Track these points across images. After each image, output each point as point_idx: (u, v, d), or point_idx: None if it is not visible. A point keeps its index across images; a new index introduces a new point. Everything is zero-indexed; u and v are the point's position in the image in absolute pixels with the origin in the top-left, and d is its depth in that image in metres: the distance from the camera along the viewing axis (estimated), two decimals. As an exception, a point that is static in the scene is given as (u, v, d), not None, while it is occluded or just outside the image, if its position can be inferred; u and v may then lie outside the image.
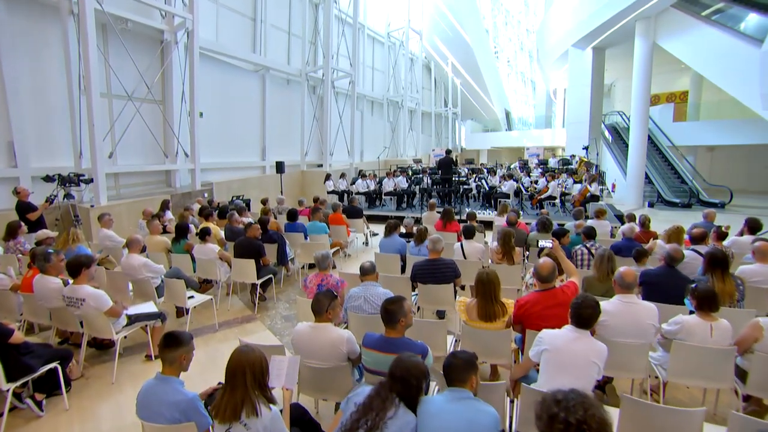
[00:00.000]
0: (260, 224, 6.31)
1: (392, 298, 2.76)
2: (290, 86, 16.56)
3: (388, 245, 5.83)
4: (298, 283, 6.77)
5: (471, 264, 5.21)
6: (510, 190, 11.66)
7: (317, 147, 17.20)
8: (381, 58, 22.93)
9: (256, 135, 14.79)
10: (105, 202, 8.46)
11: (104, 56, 9.10)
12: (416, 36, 23.94)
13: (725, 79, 13.25)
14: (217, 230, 6.85)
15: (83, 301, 3.51)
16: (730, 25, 13.50)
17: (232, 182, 13.15)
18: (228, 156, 13.61)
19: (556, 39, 22.34)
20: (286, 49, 16.05)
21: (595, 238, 5.16)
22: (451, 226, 7.20)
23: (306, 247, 6.60)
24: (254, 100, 14.57)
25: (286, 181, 14.46)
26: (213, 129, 12.78)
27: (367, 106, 22.06)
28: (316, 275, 4.05)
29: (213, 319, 5.09)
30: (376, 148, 22.53)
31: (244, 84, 14.07)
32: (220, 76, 13.00)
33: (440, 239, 4.50)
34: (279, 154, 15.30)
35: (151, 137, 10.25)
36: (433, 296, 4.44)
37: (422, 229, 5.56)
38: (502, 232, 5.28)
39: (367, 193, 13.18)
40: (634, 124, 15.83)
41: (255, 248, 5.54)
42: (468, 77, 28.41)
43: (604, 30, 16.95)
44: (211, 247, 5.58)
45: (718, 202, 15.75)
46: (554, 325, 2.93)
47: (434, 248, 4.43)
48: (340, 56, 16.53)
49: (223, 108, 13.22)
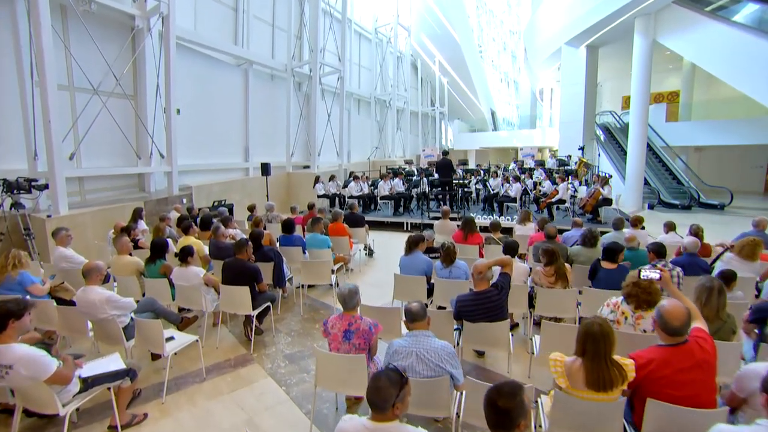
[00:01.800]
0: (252, 240, 5.28)
1: (508, 389, 1.72)
2: (275, 82, 15.44)
3: (411, 264, 4.89)
4: (297, 307, 5.76)
5: (516, 289, 4.30)
6: (517, 194, 10.87)
7: (304, 147, 16.13)
8: (368, 55, 21.96)
9: (238, 134, 13.64)
10: (65, 211, 7.27)
11: (64, 43, 7.90)
12: (404, 32, 23.06)
13: (733, 75, 12.76)
14: (200, 246, 5.79)
15: (10, 368, 2.44)
16: (736, 19, 13.09)
17: (213, 186, 12.00)
18: (208, 157, 12.44)
19: (547, 37, 21.76)
20: (270, 42, 14.93)
21: (666, 256, 4.30)
22: (473, 237, 6.31)
23: (307, 266, 5.59)
24: (236, 96, 13.42)
25: (272, 184, 13.35)
26: (191, 127, 11.61)
27: (354, 104, 21.07)
28: (341, 317, 3.07)
29: (198, 362, 4.05)
30: (363, 149, 21.56)
31: (225, 79, 12.91)
32: (199, 70, 11.83)
33: (487, 266, 3.56)
34: (263, 155, 14.18)
35: (121, 136, 9.07)
36: (484, 336, 3.52)
37: (451, 248, 4.64)
38: (549, 249, 4.40)
39: (361, 197, 12.21)
40: (634, 123, 15.27)
41: (249, 273, 4.51)
42: (455, 76, 27.68)
43: (601, 27, 16.39)
44: (195, 271, 4.53)
45: (717, 203, 15.34)
46: (690, 394, 2.11)
47: (483, 278, 3.50)
48: (326, 52, 15.48)
49: (203, 104, 12.06)
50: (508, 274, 3.58)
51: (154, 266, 4.69)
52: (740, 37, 12.32)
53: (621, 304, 3.24)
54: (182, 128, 11.02)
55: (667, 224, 6.53)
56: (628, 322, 3.17)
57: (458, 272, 4.62)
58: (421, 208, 12.39)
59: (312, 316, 5.48)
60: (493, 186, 12.18)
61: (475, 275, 3.47)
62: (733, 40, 12.51)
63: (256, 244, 5.33)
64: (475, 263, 3.52)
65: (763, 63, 11.67)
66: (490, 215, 10.97)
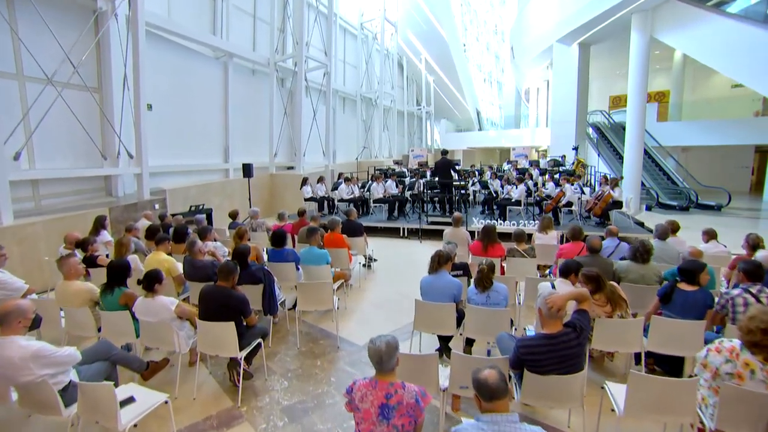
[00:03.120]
0: (237, 258, 4.33)
1: None
2: (257, 77, 14.38)
3: (436, 287, 4.00)
4: (292, 337, 4.82)
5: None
6: (521, 197, 10.11)
7: (288, 147, 15.12)
8: (353, 52, 21.02)
9: (217, 132, 12.54)
10: (10, 221, 6.16)
11: (9, 25, 6.77)
12: (391, 28, 22.21)
13: (738, 70, 12.30)
14: (172, 264, 4.80)
15: None
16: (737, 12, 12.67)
17: (190, 189, 10.90)
18: (184, 157, 11.33)
19: (537, 34, 21.21)
20: (252, 34, 13.87)
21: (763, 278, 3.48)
22: (494, 249, 5.48)
23: (305, 290, 4.63)
24: (215, 91, 12.33)
25: (254, 186, 12.31)
26: (166, 124, 10.53)
27: (339, 102, 20.10)
28: (373, 384, 2.12)
29: (168, 424, 3.08)
30: (349, 149, 20.61)
31: (203, 72, 11.82)
32: (173, 61, 10.73)
33: (565, 300, 2.70)
34: (245, 155, 13.12)
35: (83, 134, 7.95)
36: (553, 391, 2.66)
37: (486, 270, 3.78)
38: (592, 275, 3.55)
39: (352, 200, 11.28)
40: (631, 122, 14.76)
41: (234, 305, 3.55)
42: (442, 74, 26.97)
43: (597, 24, 15.85)
44: (164, 303, 3.55)
45: (714, 204, 14.93)
46: None
47: (554, 316, 2.65)
48: (311, 47, 14.48)
49: (178, 100, 10.96)
50: (587, 312, 2.73)
51: (111, 296, 3.69)
52: (743, 30, 11.85)
53: (741, 353, 2.43)
54: (155, 125, 9.97)
55: (707, 232, 5.77)
56: (756, 377, 2.36)
57: (497, 297, 3.77)
58: (417, 211, 11.55)
59: (311, 348, 4.55)
60: (494, 187, 11.39)
61: (547, 311, 2.62)
62: (734, 33, 12.04)
63: (241, 262, 4.37)
64: (549, 297, 2.66)
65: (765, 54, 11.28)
66: (491, 219, 10.17)
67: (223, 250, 5.66)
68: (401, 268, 7.64)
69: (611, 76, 24.11)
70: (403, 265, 7.84)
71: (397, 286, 6.63)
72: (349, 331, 4.95)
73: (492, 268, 3.86)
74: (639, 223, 9.99)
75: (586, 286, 3.61)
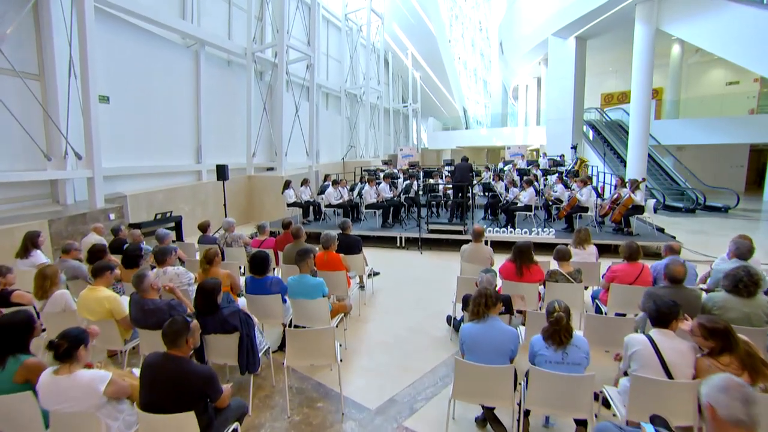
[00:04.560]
0: (201, 299, 3.14)
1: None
2: (232, 69, 13.05)
3: (485, 341, 2.87)
4: (280, 398, 3.62)
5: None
6: (531, 201, 9.08)
7: (268, 146, 13.83)
8: (337, 45, 19.75)
9: (188, 130, 11.18)
10: None
11: None
12: (377, 20, 21.01)
13: (751, 59, 11.50)
14: (115, 304, 3.56)
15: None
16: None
17: (155, 194, 9.56)
18: (149, 158, 9.96)
19: (530, 28, 20.32)
20: (227, 20, 12.53)
21: None
22: (531, 273, 4.39)
23: (299, 339, 3.42)
24: (185, 83, 10.96)
25: (230, 190, 11.03)
26: (127, 120, 9.20)
27: (323, 98, 18.83)
28: None
29: None
30: (333, 148, 19.36)
31: (171, 61, 10.45)
32: (136, 48, 9.37)
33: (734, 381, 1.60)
34: (219, 156, 11.81)
35: (20, 131, 6.58)
36: None
37: (565, 319, 2.67)
38: (719, 327, 2.49)
39: (341, 206, 10.09)
40: (635, 119, 13.99)
41: (194, 387, 2.34)
42: (429, 70, 25.93)
43: (597, 16, 15.03)
44: (86, 381, 2.32)
45: (722, 206, 14.21)
46: None
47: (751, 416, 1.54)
48: (292, 38, 13.17)
49: (142, 92, 9.61)
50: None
51: (3, 371, 2.43)
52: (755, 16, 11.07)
53: None
54: (115, 121, 8.68)
55: (738, 244, 4.17)
56: None
57: (577, 356, 2.67)
58: (414, 218, 10.44)
59: (306, 416, 3.37)
60: (498, 191, 10.36)
61: (736, 417, 1.51)
62: (746, 20, 11.26)
63: (208, 304, 3.18)
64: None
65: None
66: (499, 227, 9.14)
67: (188, 278, 4.41)
68: (404, 287, 6.51)
69: (603, 73, 23.48)
70: (406, 283, 6.71)
71: (404, 313, 5.50)
72: (354, 387, 3.77)
73: (568, 312, 2.75)
74: (659, 229, 9.08)
75: (706, 343, 2.53)
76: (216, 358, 3.43)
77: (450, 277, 6.89)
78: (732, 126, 16.75)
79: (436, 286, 6.47)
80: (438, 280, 6.77)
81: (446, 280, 6.71)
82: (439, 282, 6.67)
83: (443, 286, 6.44)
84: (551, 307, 2.78)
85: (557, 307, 2.76)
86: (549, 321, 2.74)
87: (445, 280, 6.68)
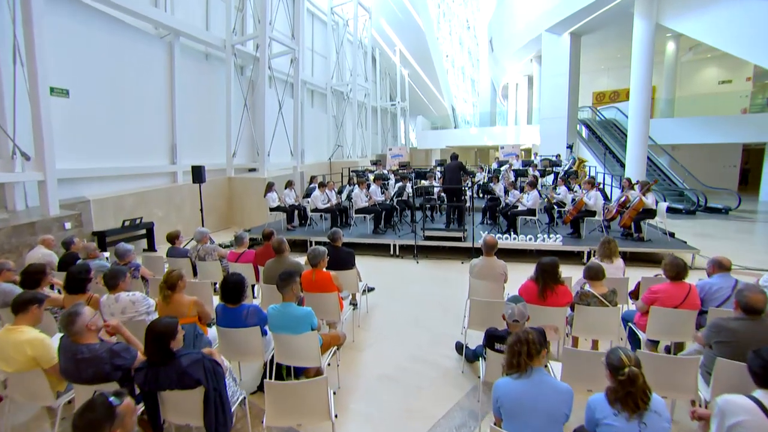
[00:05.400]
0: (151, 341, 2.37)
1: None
2: (211, 63, 12.17)
3: (532, 403, 2.14)
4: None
5: None
6: (535, 205, 8.42)
7: (249, 146, 12.97)
8: (322, 40, 18.91)
9: (162, 128, 10.27)
10: None
11: None
12: (364, 14, 20.24)
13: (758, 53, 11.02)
14: (41, 349, 2.77)
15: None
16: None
17: (125, 198, 8.67)
18: (118, 158, 9.07)
19: (523, 24, 19.77)
20: (204, 10, 11.67)
21: None
22: (557, 295, 3.70)
23: (283, 395, 2.65)
24: (158, 77, 10.06)
25: (208, 193, 10.19)
26: (92, 117, 8.34)
27: (308, 96, 18.00)
28: None
29: None
30: (319, 148, 18.53)
31: (142, 53, 9.55)
32: (102, 37, 8.49)
33: None
34: (197, 156, 10.95)
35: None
36: None
37: (641, 377, 1.96)
38: None
39: (329, 210, 9.31)
40: (634, 119, 13.51)
41: None
42: (417, 67, 25.24)
43: (593, 11, 14.51)
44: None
45: (722, 207, 13.80)
46: None
47: None
48: (275, 30, 12.30)
49: (110, 86, 8.74)
50: None
51: None
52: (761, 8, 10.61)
53: None
54: (76, 117, 7.87)
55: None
56: None
57: (658, 425, 1.95)
58: (408, 222, 9.72)
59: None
60: (497, 194, 9.71)
61: None
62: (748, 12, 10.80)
63: (161, 350, 2.41)
64: None
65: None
66: (500, 233, 8.48)
67: (146, 305, 3.60)
68: (402, 304, 5.77)
69: (595, 71, 23.07)
70: (403, 299, 5.97)
71: (405, 337, 4.78)
72: (353, 444, 3.03)
73: (639, 365, 2.04)
74: (669, 233, 8.51)
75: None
76: (175, 418, 2.66)
77: (451, 292, 6.19)
78: (726, 125, 16.43)
79: (436, 302, 5.78)
80: (438, 295, 6.07)
81: (447, 295, 6.03)
82: (439, 297, 5.98)
83: (444, 302, 5.76)
84: (617, 360, 2.07)
85: (625, 359, 2.05)
86: (618, 379, 2.03)
87: (445, 295, 6.00)
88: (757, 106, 18.41)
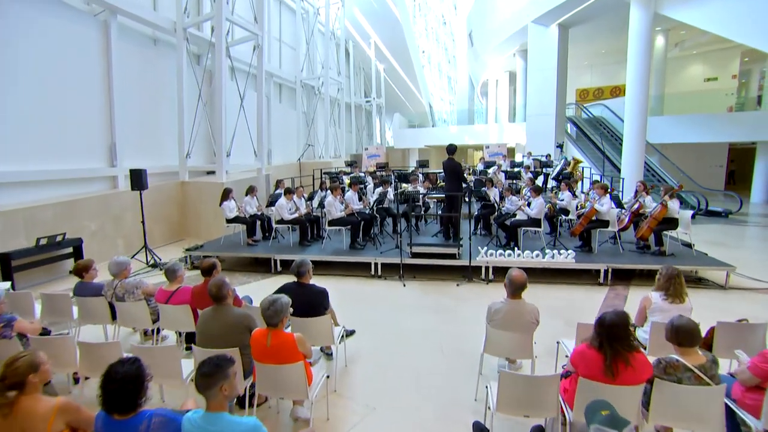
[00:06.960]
0: None
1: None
2: (159, 49, 10.52)
3: None
4: None
5: None
6: (540, 213, 7.22)
7: (206, 145, 11.35)
8: (291, 30, 17.33)
9: (97, 124, 8.58)
10: None
11: None
12: (337, 2, 18.77)
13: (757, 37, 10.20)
14: None
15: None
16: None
17: (41, 209, 7.02)
18: (37, 160, 7.38)
19: (506, 15, 18.69)
20: (149, -14, 10.01)
21: None
22: (632, 370, 2.44)
23: None
24: (92, 62, 8.38)
25: (157, 201, 8.64)
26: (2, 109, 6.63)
27: (275, 90, 16.41)
28: None
29: None
30: (288, 148, 16.97)
31: (69, 32, 7.86)
32: (13, 9, 6.80)
33: None
34: (143, 157, 9.36)
35: None
36: None
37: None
38: None
39: (297, 222, 7.89)
40: (631, 117, 12.59)
41: None
42: (393, 61, 23.92)
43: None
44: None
45: (722, 210, 13.00)
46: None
47: None
48: (236, 15, 10.72)
49: (26, 72, 7.04)
50: None
51: None
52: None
53: None
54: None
55: None
56: None
57: None
58: (393, 233, 8.41)
59: None
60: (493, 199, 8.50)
61: None
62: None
63: None
64: None
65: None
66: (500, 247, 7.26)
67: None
68: (390, 351, 4.40)
69: (578, 67, 22.25)
70: (392, 342, 4.59)
71: (400, 404, 3.43)
72: None
73: None
74: (687, 244, 7.47)
75: None
76: None
77: (451, 328, 4.87)
78: (714, 124, 15.79)
79: (434, 344, 4.49)
80: (435, 332, 4.80)
81: (446, 332, 4.78)
82: (437, 334, 4.74)
83: (445, 344, 4.50)
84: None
85: None
86: None
87: (445, 334, 4.76)
88: (741, 105, 17.95)
